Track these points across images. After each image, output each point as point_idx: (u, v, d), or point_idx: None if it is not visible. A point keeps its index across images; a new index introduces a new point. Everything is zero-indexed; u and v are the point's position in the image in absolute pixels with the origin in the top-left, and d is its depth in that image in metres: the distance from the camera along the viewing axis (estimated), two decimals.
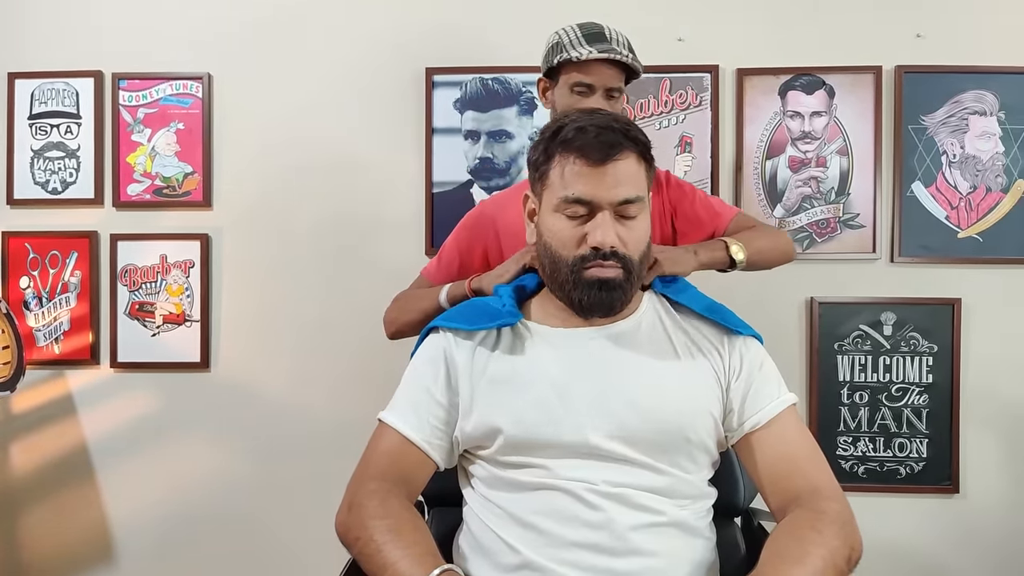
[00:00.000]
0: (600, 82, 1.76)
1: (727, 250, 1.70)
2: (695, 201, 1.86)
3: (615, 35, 1.79)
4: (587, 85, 1.76)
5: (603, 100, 1.76)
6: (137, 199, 2.64)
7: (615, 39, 1.78)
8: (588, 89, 1.76)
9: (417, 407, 1.31)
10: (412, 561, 1.11)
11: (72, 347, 2.65)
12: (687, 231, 1.86)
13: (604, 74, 1.76)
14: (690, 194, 1.87)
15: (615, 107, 1.78)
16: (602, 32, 1.79)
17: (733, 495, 1.48)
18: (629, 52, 1.76)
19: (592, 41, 1.76)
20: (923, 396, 2.53)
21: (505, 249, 1.82)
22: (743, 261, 1.71)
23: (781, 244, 1.86)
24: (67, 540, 2.66)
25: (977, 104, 2.52)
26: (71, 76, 2.65)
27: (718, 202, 1.92)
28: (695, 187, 1.91)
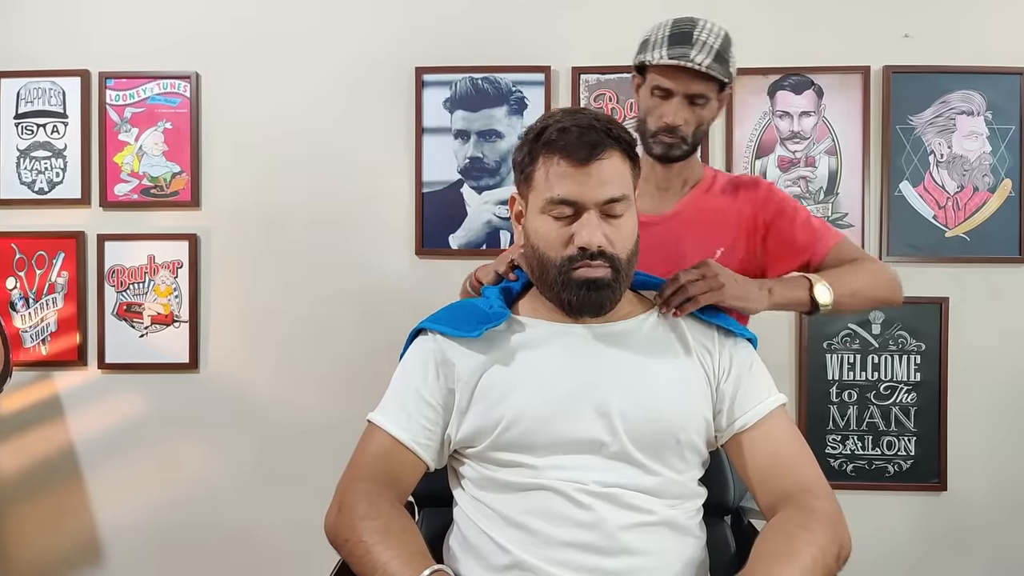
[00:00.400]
0: (679, 88, 1.64)
1: (810, 290, 1.55)
2: (794, 221, 1.70)
3: (704, 36, 1.63)
4: (665, 90, 1.65)
5: (684, 106, 1.65)
6: (124, 199, 2.63)
7: (701, 42, 1.61)
8: (667, 94, 1.65)
9: (407, 408, 1.31)
10: (402, 562, 1.11)
11: (59, 348, 2.63)
12: (779, 255, 1.71)
13: (683, 80, 1.63)
14: (790, 212, 1.71)
15: (701, 114, 1.67)
16: (689, 33, 1.63)
17: (723, 494, 1.48)
18: (713, 58, 1.61)
19: (674, 43, 1.62)
20: (911, 394, 2.55)
21: None
22: (828, 305, 1.55)
23: (883, 284, 1.66)
24: (54, 542, 2.65)
25: (964, 104, 2.53)
26: (57, 75, 2.63)
27: (822, 225, 1.74)
28: (799, 204, 1.76)
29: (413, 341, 1.40)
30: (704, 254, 1.64)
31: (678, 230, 1.73)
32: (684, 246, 1.70)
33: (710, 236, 1.72)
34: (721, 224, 1.73)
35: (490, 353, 1.31)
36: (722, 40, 1.65)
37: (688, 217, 1.74)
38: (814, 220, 1.73)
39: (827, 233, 1.71)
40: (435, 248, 2.60)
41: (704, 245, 1.70)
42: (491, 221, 2.59)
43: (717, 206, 1.75)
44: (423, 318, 1.41)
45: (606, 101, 2.57)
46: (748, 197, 1.74)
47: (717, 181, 1.79)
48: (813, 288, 1.54)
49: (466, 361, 1.31)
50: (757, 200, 1.73)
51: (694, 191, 1.77)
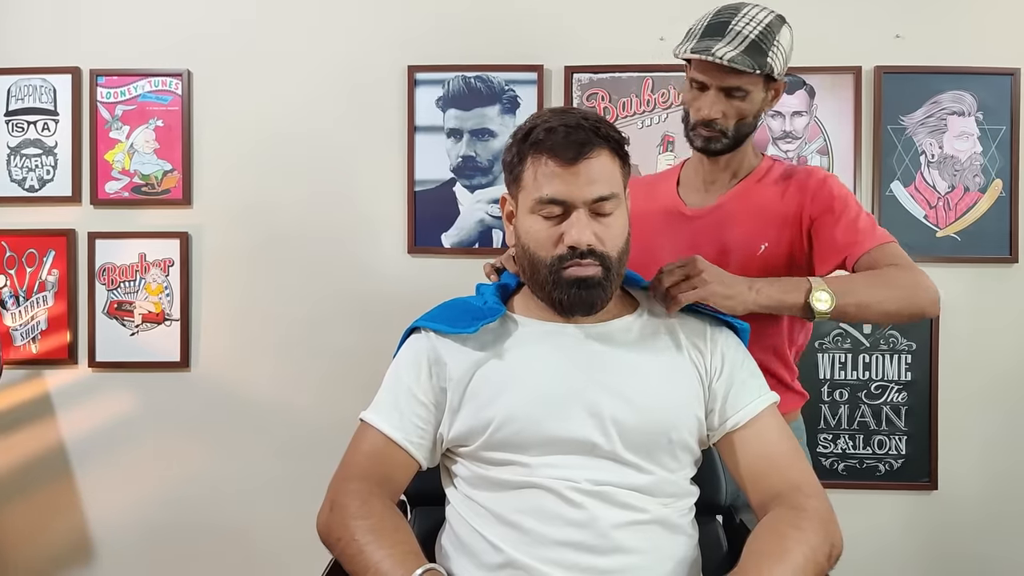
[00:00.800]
0: (712, 81, 1.59)
1: (807, 295, 1.42)
2: (840, 219, 1.59)
3: (741, 26, 1.55)
4: (700, 83, 1.60)
5: (720, 99, 1.60)
6: (115, 197, 2.62)
7: (735, 32, 1.55)
8: (703, 86, 1.61)
9: (399, 406, 1.31)
10: (395, 561, 1.11)
11: (50, 346, 2.62)
12: (821, 254, 1.61)
13: (715, 73, 1.57)
14: (838, 209, 1.60)
15: (740, 107, 1.60)
16: (726, 23, 1.56)
17: (715, 493, 1.48)
18: (744, 50, 1.53)
19: (706, 35, 1.57)
20: (902, 394, 2.55)
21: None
22: (826, 313, 1.42)
23: (909, 297, 1.50)
24: (45, 541, 2.64)
25: (955, 104, 2.54)
26: (48, 72, 2.62)
27: (868, 225, 1.59)
28: (850, 200, 1.62)
29: (407, 340, 1.40)
30: (747, 249, 1.63)
31: (720, 224, 1.68)
32: (727, 240, 1.65)
33: (754, 230, 1.65)
34: (767, 218, 1.65)
35: (482, 352, 1.31)
36: (763, 28, 1.56)
37: (731, 210, 1.69)
38: (862, 220, 1.60)
39: (869, 235, 1.57)
40: (427, 247, 2.60)
41: (747, 239, 1.65)
42: (484, 220, 2.59)
43: (765, 199, 1.67)
44: (416, 316, 1.41)
45: (599, 100, 2.57)
46: (798, 189, 1.65)
47: (772, 172, 1.72)
48: (811, 293, 1.41)
49: (459, 360, 1.31)
50: (806, 193, 1.63)
51: (743, 182, 1.71)
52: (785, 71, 1.65)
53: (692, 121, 1.65)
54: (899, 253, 1.56)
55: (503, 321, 1.36)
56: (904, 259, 1.55)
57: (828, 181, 1.65)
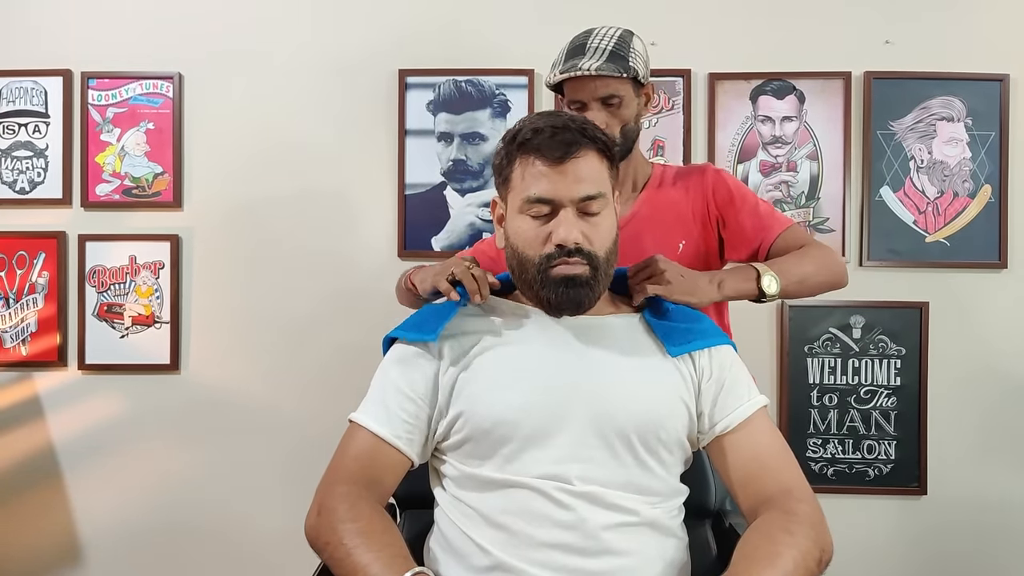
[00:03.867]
0: (587, 95, 1.69)
1: (757, 281, 1.58)
2: (742, 209, 1.75)
3: (597, 41, 1.70)
4: (578, 101, 1.71)
5: (600, 111, 1.68)
6: (106, 199, 2.61)
7: (593, 48, 1.69)
8: (582, 105, 1.70)
9: (386, 403, 1.31)
10: (383, 564, 1.11)
11: (39, 348, 2.61)
12: (732, 244, 1.76)
13: (587, 88, 1.69)
14: (738, 201, 1.75)
15: (621, 114, 1.70)
16: (583, 44, 1.71)
17: (704, 496, 1.49)
18: (605, 59, 1.66)
19: (569, 57, 1.70)
20: (891, 398, 2.56)
21: None
22: (775, 295, 1.59)
23: (829, 269, 1.69)
24: (33, 543, 2.62)
25: (945, 110, 2.55)
26: (39, 75, 2.62)
27: (768, 211, 1.76)
28: (746, 191, 1.80)
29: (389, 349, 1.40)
30: (666, 250, 1.70)
31: (638, 230, 1.76)
32: (645, 245, 1.72)
33: (669, 231, 1.77)
34: (678, 217, 1.78)
35: (470, 350, 1.32)
36: (617, 39, 1.70)
37: (645, 216, 1.79)
38: (762, 206, 1.77)
39: (775, 220, 1.74)
40: (418, 250, 2.60)
41: (664, 241, 1.76)
42: (474, 223, 2.59)
43: (671, 200, 1.80)
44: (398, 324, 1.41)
45: None
46: (698, 186, 1.79)
47: (666, 175, 1.85)
48: (760, 279, 1.57)
49: (449, 357, 1.32)
50: (706, 189, 1.78)
51: (645, 190, 1.83)
52: (649, 75, 1.77)
53: None
54: (804, 232, 1.75)
55: (496, 317, 1.36)
56: (809, 237, 1.74)
57: (721, 174, 1.80)
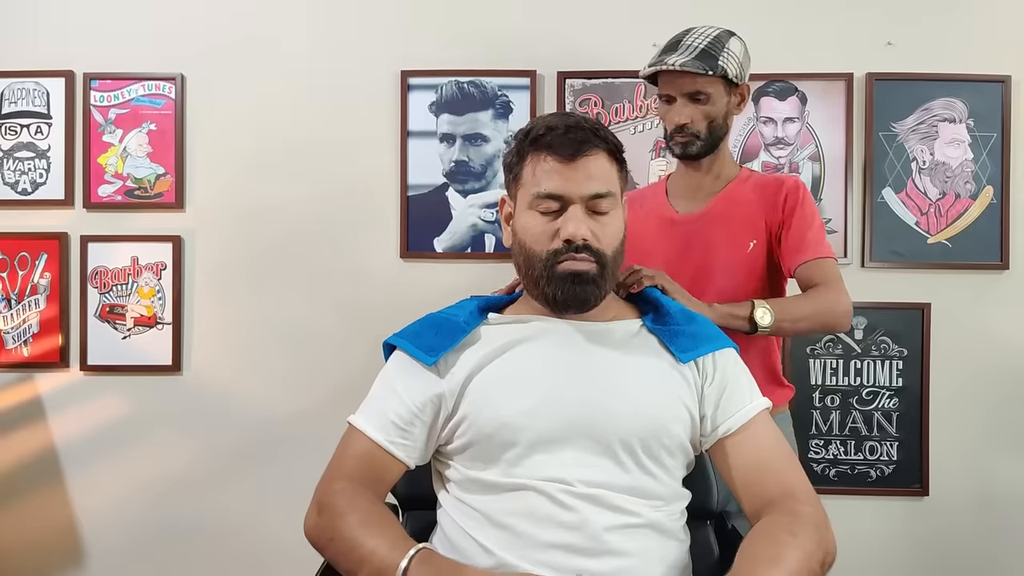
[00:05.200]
0: (676, 90, 1.79)
1: (751, 311, 1.66)
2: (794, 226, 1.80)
3: (691, 39, 1.78)
4: (666, 95, 1.81)
5: (686, 105, 1.79)
6: (108, 200, 2.62)
7: (686, 45, 1.77)
8: (670, 98, 1.81)
9: (385, 410, 1.31)
10: (387, 548, 1.12)
11: (41, 350, 2.61)
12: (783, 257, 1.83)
13: (675, 83, 1.78)
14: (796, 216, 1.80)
15: (707, 110, 1.79)
16: (679, 40, 1.79)
17: (706, 498, 1.49)
18: (694, 56, 1.74)
19: (665, 51, 1.79)
20: (893, 400, 2.56)
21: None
22: (767, 328, 1.66)
23: (830, 311, 1.74)
24: (35, 545, 2.62)
25: (947, 111, 2.55)
26: (42, 76, 2.62)
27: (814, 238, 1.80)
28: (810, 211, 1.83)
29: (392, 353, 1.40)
30: (735, 247, 1.82)
31: (710, 225, 1.85)
32: (715, 240, 1.83)
33: (741, 230, 1.84)
34: (750, 218, 1.84)
35: (475, 353, 1.32)
36: (711, 39, 1.77)
37: (718, 213, 1.86)
38: (812, 231, 1.80)
39: (807, 248, 1.78)
40: (420, 251, 2.60)
41: (735, 239, 1.83)
42: (476, 225, 2.59)
43: (746, 201, 1.86)
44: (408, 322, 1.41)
45: (591, 106, 2.58)
46: (772, 195, 1.84)
47: (751, 180, 1.90)
48: (754, 310, 1.65)
49: (451, 363, 1.32)
50: (777, 201, 1.83)
51: (727, 188, 1.88)
52: (745, 76, 1.85)
53: (669, 131, 1.85)
54: (828, 270, 1.77)
55: (498, 325, 1.36)
56: (832, 276, 1.77)
57: (799, 188, 1.84)
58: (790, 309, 1.70)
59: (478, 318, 1.38)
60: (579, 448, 1.24)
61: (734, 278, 1.82)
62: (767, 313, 1.65)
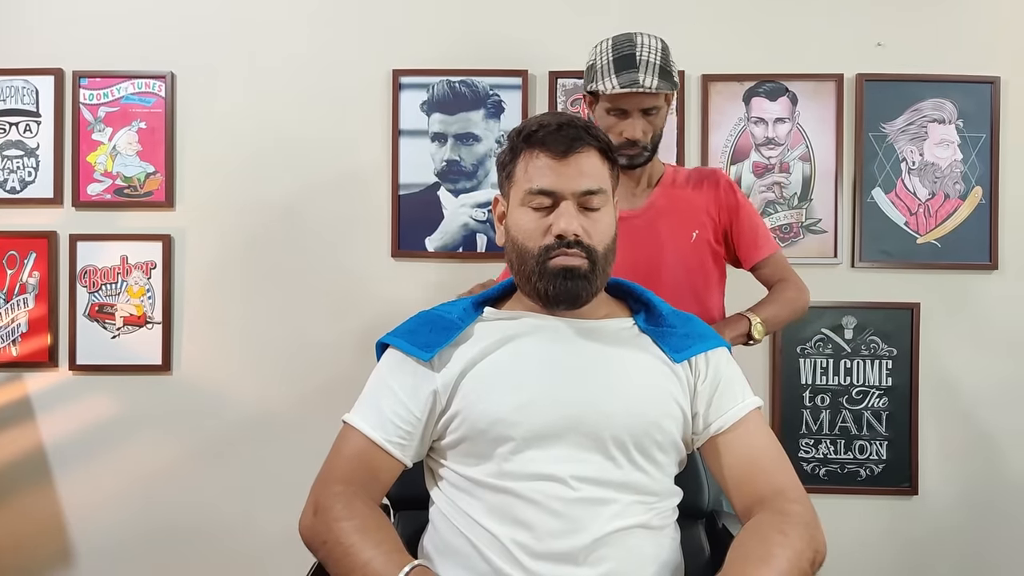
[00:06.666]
0: (632, 106, 1.82)
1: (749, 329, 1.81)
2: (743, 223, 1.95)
3: (646, 55, 1.80)
4: (621, 110, 1.83)
5: (640, 120, 1.83)
6: (97, 199, 2.60)
7: (644, 62, 1.79)
8: (622, 113, 1.83)
9: (380, 407, 1.31)
10: (383, 560, 1.11)
11: (30, 349, 2.60)
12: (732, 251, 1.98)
13: (636, 99, 1.81)
14: (742, 213, 1.95)
15: (655, 122, 1.85)
16: (631, 55, 1.80)
17: (697, 497, 1.49)
18: (656, 75, 1.78)
19: (620, 68, 1.79)
20: (883, 399, 2.57)
21: None
22: (759, 339, 1.83)
23: (798, 306, 1.94)
24: (23, 544, 2.61)
25: (936, 112, 2.56)
26: (31, 73, 2.61)
27: (764, 232, 1.99)
28: (749, 205, 1.99)
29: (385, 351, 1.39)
30: (680, 238, 1.93)
31: (654, 220, 1.93)
32: (661, 232, 1.93)
33: (684, 222, 1.94)
34: (691, 211, 1.95)
35: (472, 350, 1.32)
36: (661, 53, 1.82)
37: (661, 207, 1.94)
38: (760, 227, 1.99)
39: (766, 241, 1.98)
40: (411, 250, 2.60)
41: (680, 230, 1.94)
42: (467, 224, 2.59)
43: (686, 195, 1.96)
44: (400, 321, 1.41)
45: (583, 106, 2.57)
46: (710, 190, 1.95)
47: (678, 175, 2.00)
48: (752, 328, 1.81)
49: (447, 360, 1.32)
50: (718, 196, 1.94)
51: (660, 186, 1.97)
52: None
53: (616, 144, 1.79)
54: (784, 263, 1.99)
55: (492, 321, 1.36)
56: (788, 269, 1.98)
57: (732, 184, 1.98)
58: (773, 316, 1.87)
59: (472, 314, 1.38)
60: (572, 444, 1.24)
61: (681, 267, 1.92)
62: (760, 326, 1.82)
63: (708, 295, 1.97)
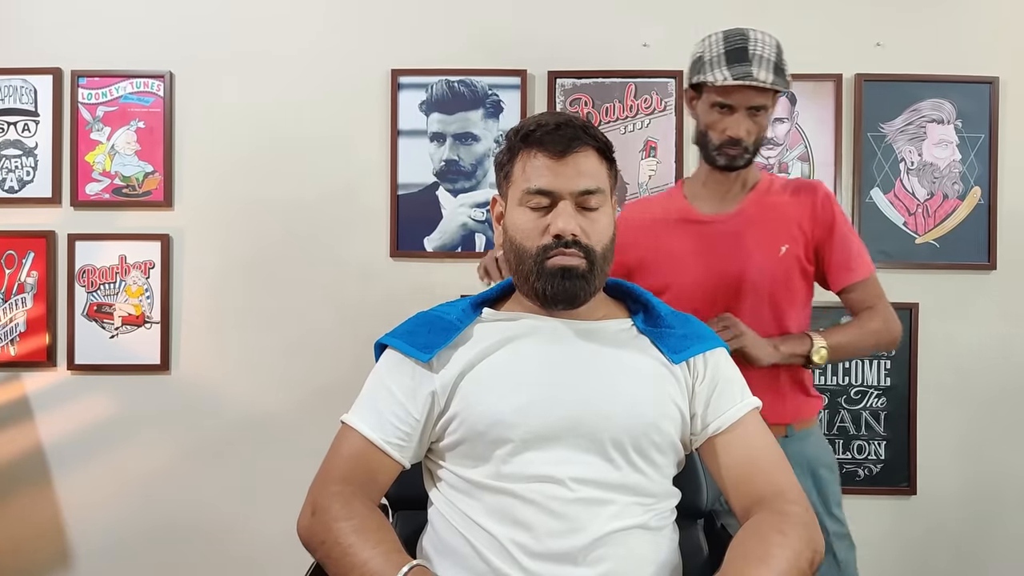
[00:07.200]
0: (741, 102, 1.71)
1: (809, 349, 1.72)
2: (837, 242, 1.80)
3: (760, 50, 1.70)
4: (727, 105, 1.72)
5: (746, 118, 1.72)
6: (96, 199, 2.60)
7: (758, 56, 1.68)
8: (729, 108, 1.72)
9: (379, 408, 1.30)
10: (381, 560, 1.11)
11: (28, 349, 2.60)
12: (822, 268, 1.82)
13: (746, 95, 1.70)
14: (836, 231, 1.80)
15: (760, 122, 1.74)
16: (744, 48, 1.70)
17: (696, 497, 1.48)
18: (771, 71, 1.68)
19: (732, 61, 1.69)
20: (881, 399, 2.57)
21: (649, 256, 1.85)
22: (820, 363, 1.73)
23: (882, 340, 1.82)
24: (22, 545, 2.61)
25: (935, 112, 2.56)
26: (29, 73, 2.60)
27: (859, 253, 1.82)
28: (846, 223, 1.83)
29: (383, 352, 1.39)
30: (768, 249, 1.78)
31: (741, 228, 1.80)
32: (748, 242, 1.79)
33: (774, 233, 1.79)
34: (783, 222, 1.80)
35: (471, 352, 1.31)
36: (775, 50, 1.71)
37: (751, 215, 1.81)
38: (854, 247, 1.81)
39: (860, 263, 1.81)
40: (410, 250, 2.59)
41: (768, 241, 1.79)
42: (466, 224, 2.59)
43: (778, 205, 1.82)
44: (399, 321, 1.40)
45: (582, 106, 2.58)
46: (806, 202, 1.81)
47: (774, 184, 1.86)
48: (812, 346, 1.71)
49: (446, 361, 1.31)
50: (814, 209, 1.80)
51: (753, 192, 1.84)
52: None
53: (717, 142, 1.75)
54: (876, 288, 1.83)
55: (491, 322, 1.36)
56: (880, 297, 1.82)
57: (831, 197, 1.82)
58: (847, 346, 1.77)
59: (471, 315, 1.37)
60: (570, 446, 1.23)
61: (765, 282, 1.77)
62: (823, 350, 1.71)
63: (789, 314, 1.81)
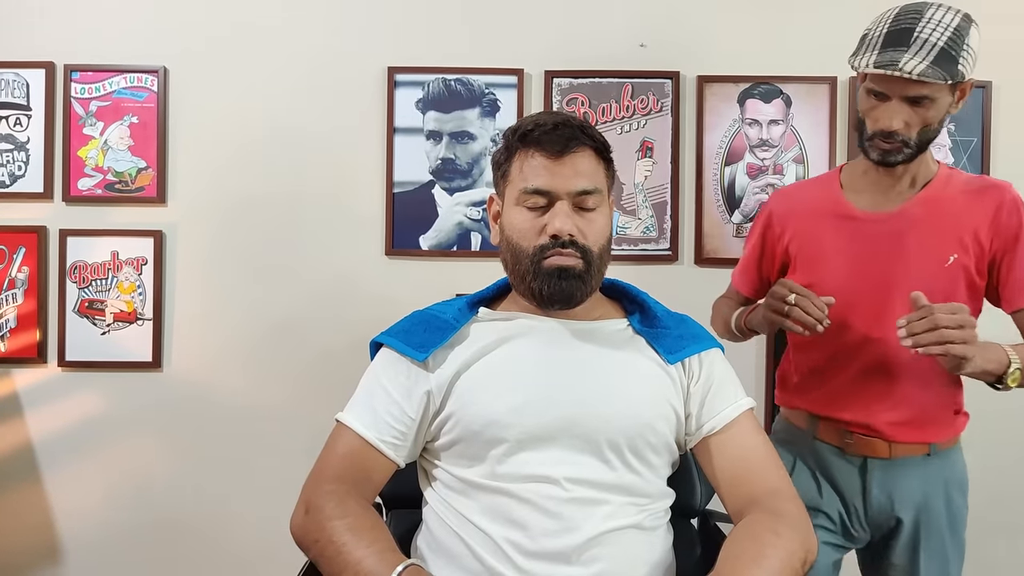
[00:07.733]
0: (893, 91, 1.50)
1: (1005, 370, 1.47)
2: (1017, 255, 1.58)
3: (927, 33, 1.46)
4: (879, 93, 1.52)
5: (902, 108, 1.50)
6: (88, 194, 2.59)
7: (921, 41, 1.45)
8: (882, 96, 1.52)
9: (374, 406, 1.31)
10: (375, 559, 1.11)
11: (19, 345, 2.58)
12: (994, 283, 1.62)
13: (899, 84, 1.48)
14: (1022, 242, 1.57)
15: (925, 115, 1.51)
16: (910, 30, 1.47)
17: (690, 496, 1.49)
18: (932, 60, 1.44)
19: (888, 44, 1.47)
20: None
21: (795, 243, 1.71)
22: (1010, 387, 1.50)
23: None
24: (13, 541, 2.59)
25: None
26: (22, 67, 2.58)
27: None
28: None
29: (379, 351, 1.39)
30: (932, 258, 1.58)
31: (903, 230, 1.60)
32: (908, 246, 1.59)
33: (941, 240, 1.59)
34: (954, 229, 1.59)
35: (463, 351, 1.32)
36: (951, 32, 1.47)
37: (914, 217, 1.60)
38: None
39: None
40: (405, 249, 2.59)
41: (933, 248, 1.59)
42: (462, 223, 2.58)
43: (952, 208, 1.60)
44: (394, 319, 1.41)
45: (578, 105, 2.58)
46: (987, 208, 1.58)
47: (953, 180, 1.63)
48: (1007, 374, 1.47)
49: (441, 360, 1.31)
50: (998, 217, 1.58)
51: (927, 190, 1.62)
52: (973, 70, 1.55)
53: (869, 132, 1.56)
54: None
55: (486, 322, 1.36)
56: None
57: (1019, 204, 1.59)
58: None
59: (467, 314, 1.38)
60: (565, 446, 1.24)
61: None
62: (1017, 373, 1.47)
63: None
